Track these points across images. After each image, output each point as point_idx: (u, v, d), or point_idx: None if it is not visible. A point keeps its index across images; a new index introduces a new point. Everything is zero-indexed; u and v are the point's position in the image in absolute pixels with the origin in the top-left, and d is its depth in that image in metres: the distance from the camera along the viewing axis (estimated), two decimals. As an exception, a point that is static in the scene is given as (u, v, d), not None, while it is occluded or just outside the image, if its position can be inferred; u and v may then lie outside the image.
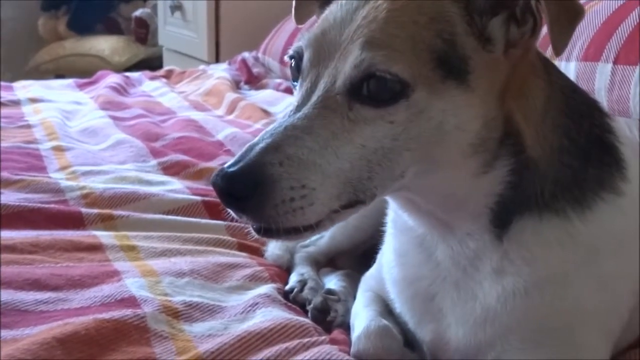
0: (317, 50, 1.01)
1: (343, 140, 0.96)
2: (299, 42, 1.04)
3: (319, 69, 1.00)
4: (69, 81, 3.52)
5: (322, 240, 1.59)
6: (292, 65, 1.06)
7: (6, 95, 2.98)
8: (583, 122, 1.09)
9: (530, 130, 1.04)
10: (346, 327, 1.31)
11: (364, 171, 0.97)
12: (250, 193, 0.93)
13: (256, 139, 0.97)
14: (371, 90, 0.96)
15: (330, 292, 1.41)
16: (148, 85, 3.41)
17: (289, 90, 2.96)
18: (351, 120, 0.96)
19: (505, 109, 1.02)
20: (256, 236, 1.01)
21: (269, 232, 0.98)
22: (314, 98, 0.98)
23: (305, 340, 1.19)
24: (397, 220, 1.18)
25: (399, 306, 1.22)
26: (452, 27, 0.98)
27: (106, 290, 1.33)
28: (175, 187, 1.93)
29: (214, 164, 2.12)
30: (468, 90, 0.98)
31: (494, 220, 1.06)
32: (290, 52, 1.06)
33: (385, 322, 1.21)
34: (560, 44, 0.98)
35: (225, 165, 0.95)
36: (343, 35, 0.99)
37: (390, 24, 0.97)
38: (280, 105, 2.84)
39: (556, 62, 1.81)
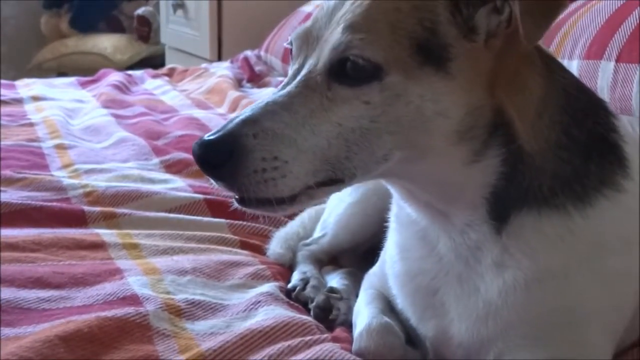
0: (307, 35, 1.05)
1: (321, 118, 0.99)
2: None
3: (307, 52, 1.04)
4: (72, 79, 3.52)
5: (324, 238, 1.60)
6: (291, 50, 1.09)
7: (9, 94, 2.98)
8: (585, 120, 1.09)
9: (525, 125, 1.04)
10: (348, 326, 1.31)
11: (341, 150, 0.99)
12: (223, 161, 0.98)
13: (239, 112, 1.02)
14: (348, 71, 0.99)
15: (332, 290, 1.42)
16: (150, 83, 3.41)
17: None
18: (329, 99, 1.00)
19: (496, 100, 1.03)
20: (237, 206, 1.04)
21: (244, 202, 1.03)
22: (298, 78, 1.02)
23: (308, 338, 1.19)
24: (400, 214, 1.19)
25: (401, 301, 1.22)
26: (435, 16, 1.00)
27: (109, 288, 1.33)
28: (178, 185, 1.93)
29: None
30: (448, 77, 0.99)
31: (491, 212, 1.06)
32: (290, 38, 1.10)
33: (387, 319, 1.21)
34: (531, 35, 0.98)
35: (206, 135, 1.00)
36: (332, 20, 1.03)
37: (372, 10, 1.00)
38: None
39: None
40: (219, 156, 0.98)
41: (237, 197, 1.03)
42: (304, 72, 1.02)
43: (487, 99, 1.02)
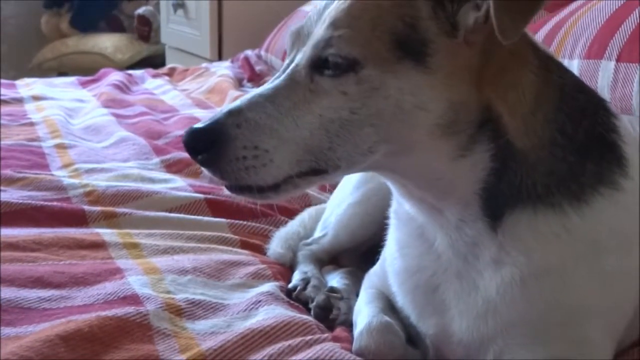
0: (299, 33, 1.09)
1: (303, 110, 1.03)
2: None
3: (298, 47, 1.08)
4: (72, 79, 3.52)
5: (325, 238, 1.60)
6: None
7: (9, 93, 2.98)
8: (583, 119, 1.09)
9: (516, 122, 1.05)
10: (349, 325, 1.31)
11: (324, 141, 1.02)
12: (206, 147, 1.04)
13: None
14: (329, 64, 1.02)
15: (333, 290, 1.42)
16: (151, 83, 3.41)
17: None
18: (312, 91, 1.04)
19: (483, 96, 1.04)
20: (227, 192, 1.09)
21: (230, 188, 1.08)
22: (287, 71, 1.06)
23: (308, 338, 1.19)
24: (399, 210, 1.19)
25: (400, 299, 1.22)
26: (416, 12, 1.02)
27: (109, 287, 1.33)
28: (178, 185, 1.93)
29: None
30: (427, 72, 1.01)
31: (484, 209, 1.06)
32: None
33: (387, 318, 1.21)
34: (507, 31, 0.97)
35: (195, 124, 1.06)
36: (321, 17, 1.06)
37: (355, 7, 1.03)
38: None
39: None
40: (203, 143, 1.04)
41: (226, 184, 1.08)
42: (292, 66, 1.06)
43: (471, 94, 1.03)
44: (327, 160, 1.03)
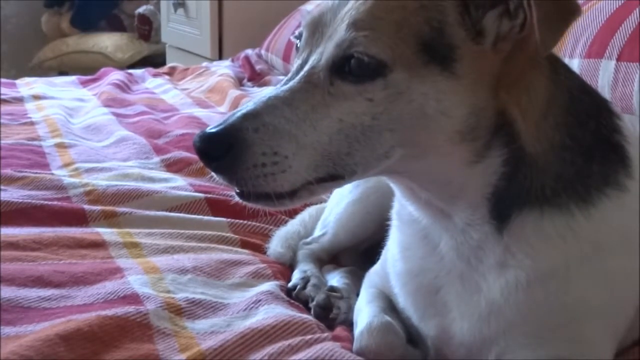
0: (313, 30, 1.05)
1: (322, 113, 1.00)
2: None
3: (311, 47, 1.05)
4: (72, 78, 3.52)
5: (324, 237, 1.60)
6: (297, 45, 1.10)
7: (9, 92, 2.98)
8: (589, 121, 1.09)
9: (529, 126, 1.04)
10: (349, 324, 1.31)
11: (342, 146, 1.00)
12: (223, 154, 0.99)
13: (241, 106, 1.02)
14: (352, 68, 0.99)
15: (333, 289, 1.41)
16: (151, 82, 3.41)
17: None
18: (331, 95, 1.00)
19: (499, 101, 1.03)
20: (238, 200, 1.05)
21: (244, 196, 1.03)
22: (301, 73, 1.02)
23: (308, 337, 1.19)
24: (402, 212, 1.19)
25: (402, 300, 1.22)
26: (443, 16, 1.00)
27: (109, 287, 1.33)
28: (178, 184, 1.93)
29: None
30: (452, 77, 0.99)
31: (492, 212, 1.06)
32: (296, 32, 1.10)
33: (388, 318, 1.21)
34: (547, 43, 0.98)
35: (207, 128, 1.01)
36: (337, 16, 1.03)
37: (377, 7, 1.00)
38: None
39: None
40: (219, 149, 0.99)
41: (237, 190, 1.04)
42: (307, 67, 1.03)
43: (490, 100, 1.02)
44: (345, 166, 1.01)
